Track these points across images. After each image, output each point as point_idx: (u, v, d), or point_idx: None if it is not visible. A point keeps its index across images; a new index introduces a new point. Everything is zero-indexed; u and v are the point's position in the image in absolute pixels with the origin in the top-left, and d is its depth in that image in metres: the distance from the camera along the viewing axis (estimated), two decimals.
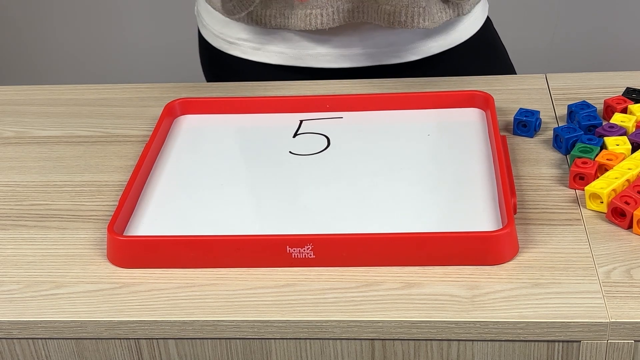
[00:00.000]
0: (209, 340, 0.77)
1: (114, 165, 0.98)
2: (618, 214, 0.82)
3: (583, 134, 0.93)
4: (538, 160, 0.93)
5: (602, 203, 0.84)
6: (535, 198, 0.87)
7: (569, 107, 0.98)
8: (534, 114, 0.97)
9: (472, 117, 1.00)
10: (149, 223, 0.86)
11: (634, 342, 0.73)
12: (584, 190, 0.85)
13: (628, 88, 1.01)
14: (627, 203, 0.81)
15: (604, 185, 0.84)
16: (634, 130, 0.92)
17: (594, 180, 0.85)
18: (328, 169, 0.92)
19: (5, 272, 0.82)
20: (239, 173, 0.93)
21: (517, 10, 2.26)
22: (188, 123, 1.03)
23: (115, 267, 0.82)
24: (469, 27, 1.18)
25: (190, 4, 1.30)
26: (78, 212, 0.90)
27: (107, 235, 0.82)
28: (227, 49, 1.19)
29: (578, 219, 0.84)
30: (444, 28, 1.15)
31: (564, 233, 0.82)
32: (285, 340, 0.76)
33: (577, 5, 2.27)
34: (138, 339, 0.77)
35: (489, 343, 0.74)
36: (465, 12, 1.14)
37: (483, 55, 1.21)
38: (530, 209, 0.85)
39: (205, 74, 1.28)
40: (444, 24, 1.14)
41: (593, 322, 0.72)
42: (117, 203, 0.87)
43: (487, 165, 0.91)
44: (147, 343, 0.78)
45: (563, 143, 0.93)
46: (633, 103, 0.97)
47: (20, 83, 1.23)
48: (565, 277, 0.76)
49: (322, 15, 1.08)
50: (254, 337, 0.76)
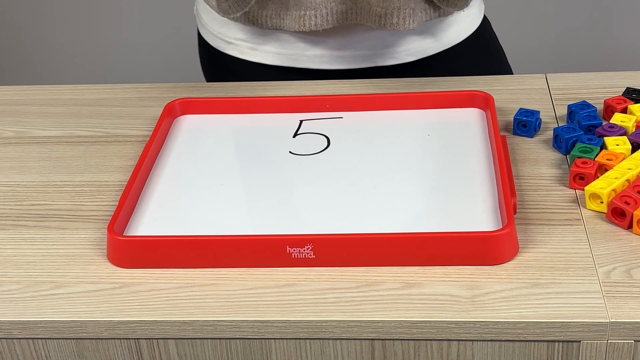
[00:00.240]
0: (209, 340, 0.77)
1: (114, 165, 0.97)
2: (618, 214, 0.82)
3: (583, 134, 0.93)
4: (538, 160, 0.93)
5: (602, 203, 0.84)
6: (535, 198, 0.87)
7: (569, 107, 0.98)
8: (534, 114, 0.97)
9: (472, 117, 1.00)
10: (149, 223, 0.86)
11: (634, 342, 0.73)
12: (584, 190, 0.85)
13: (628, 88, 1.01)
14: (627, 203, 0.81)
15: (604, 185, 0.83)
16: (634, 130, 0.92)
17: (594, 180, 0.85)
18: (328, 169, 0.92)
19: (5, 272, 0.82)
20: (239, 173, 0.93)
21: (517, 11, 2.26)
22: (188, 123, 1.03)
23: (115, 267, 0.82)
24: (465, 28, 1.18)
25: (190, 4, 1.30)
26: (78, 212, 0.90)
27: (107, 235, 0.82)
28: (225, 49, 1.19)
29: (578, 219, 0.84)
30: (440, 29, 1.15)
31: (564, 233, 0.82)
32: (285, 340, 0.76)
33: (577, 5, 2.27)
34: (138, 339, 0.77)
35: (489, 343, 0.74)
36: (447, 13, 1.13)
37: (479, 56, 1.21)
38: (530, 209, 0.85)
39: (205, 74, 1.28)
40: (441, 26, 1.14)
41: (593, 322, 0.72)
42: (117, 203, 0.87)
43: (487, 165, 0.91)
44: (147, 343, 0.78)
45: (563, 143, 0.93)
46: (633, 103, 0.97)
47: (20, 83, 1.23)
48: (565, 277, 0.76)
49: (315, 17, 1.08)
50: (254, 337, 0.76)
